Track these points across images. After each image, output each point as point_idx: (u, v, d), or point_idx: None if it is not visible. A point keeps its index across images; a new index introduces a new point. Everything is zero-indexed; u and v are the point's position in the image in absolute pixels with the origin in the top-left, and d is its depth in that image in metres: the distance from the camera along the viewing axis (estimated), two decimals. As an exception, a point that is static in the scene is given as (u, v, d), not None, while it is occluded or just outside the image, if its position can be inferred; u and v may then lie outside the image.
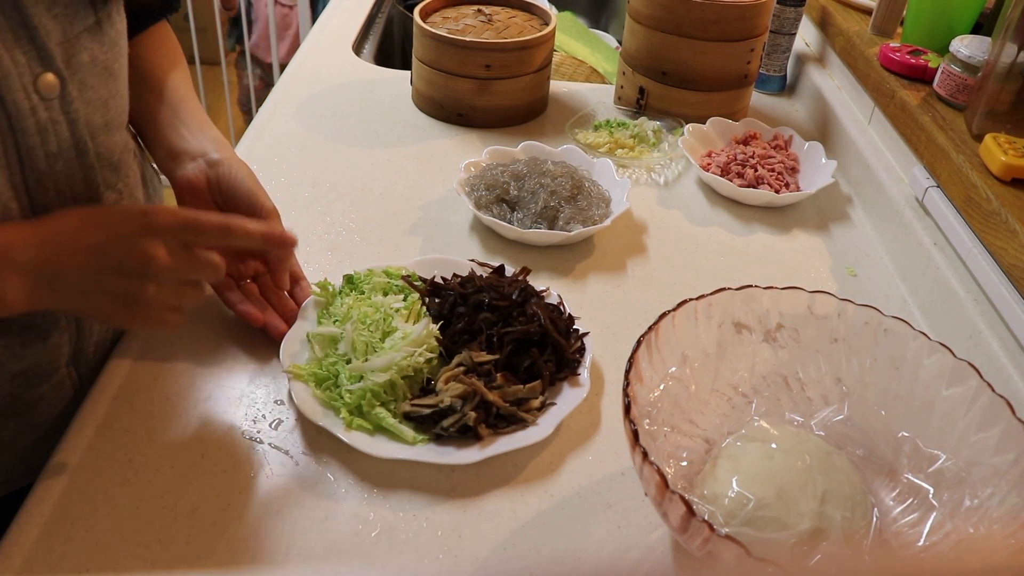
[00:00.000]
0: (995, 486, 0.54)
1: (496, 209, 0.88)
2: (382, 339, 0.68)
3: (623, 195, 0.91)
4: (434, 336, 0.67)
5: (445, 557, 0.57)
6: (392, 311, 0.70)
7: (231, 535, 0.57)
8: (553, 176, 0.90)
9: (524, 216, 0.87)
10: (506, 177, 0.91)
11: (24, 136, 0.57)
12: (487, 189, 0.90)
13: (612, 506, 0.61)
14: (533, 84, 1.11)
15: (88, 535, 0.56)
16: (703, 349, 0.62)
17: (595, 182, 0.93)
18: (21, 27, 0.55)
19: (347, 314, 0.70)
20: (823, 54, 1.25)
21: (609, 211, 0.90)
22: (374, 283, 0.74)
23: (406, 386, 0.66)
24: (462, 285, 0.72)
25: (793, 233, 0.95)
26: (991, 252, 0.75)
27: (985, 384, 0.56)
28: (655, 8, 1.07)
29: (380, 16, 1.53)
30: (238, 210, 0.70)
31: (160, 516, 0.58)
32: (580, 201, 0.89)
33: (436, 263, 0.78)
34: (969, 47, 0.89)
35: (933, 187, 0.86)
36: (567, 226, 0.86)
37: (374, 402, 0.64)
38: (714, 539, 0.46)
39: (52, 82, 0.57)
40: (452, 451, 0.62)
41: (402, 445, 0.63)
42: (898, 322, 0.61)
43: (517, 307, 0.70)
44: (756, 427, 0.62)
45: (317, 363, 0.67)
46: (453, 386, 0.64)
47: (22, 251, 0.53)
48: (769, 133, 1.08)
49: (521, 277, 0.76)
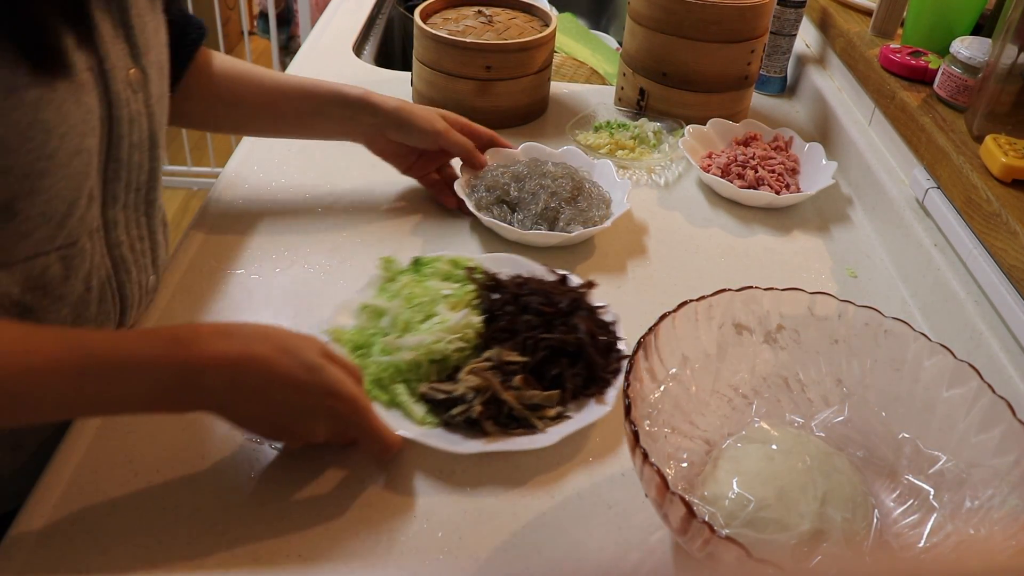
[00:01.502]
0: (996, 487, 0.54)
1: (496, 210, 0.88)
2: (422, 321, 0.69)
3: (623, 196, 0.91)
4: (472, 328, 0.68)
5: (445, 558, 0.57)
6: (440, 297, 0.71)
7: (231, 536, 0.57)
8: (554, 177, 0.90)
9: (524, 217, 0.87)
10: (506, 178, 0.90)
11: (118, 125, 0.62)
12: (487, 190, 0.90)
13: (612, 507, 0.61)
14: (533, 85, 1.11)
15: (88, 536, 0.56)
16: (703, 350, 0.62)
17: (595, 183, 0.93)
18: (121, 23, 0.62)
19: (399, 292, 0.73)
20: (823, 55, 1.25)
21: (609, 212, 0.90)
22: (437, 268, 0.76)
23: (432, 370, 0.67)
24: (518, 286, 0.74)
25: (793, 234, 0.95)
26: (991, 253, 0.75)
27: (986, 385, 0.56)
28: (655, 9, 1.07)
29: (380, 17, 1.53)
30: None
31: (160, 517, 0.58)
32: (580, 202, 0.89)
33: (508, 261, 0.80)
34: (969, 48, 0.89)
35: (933, 188, 0.86)
36: (567, 227, 0.86)
37: (396, 377, 0.66)
38: (714, 540, 0.46)
39: (138, 76, 0.63)
40: (454, 440, 0.63)
41: (408, 423, 0.64)
42: (898, 323, 0.61)
43: (561, 316, 0.70)
44: (756, 428, 0.62)
45: (359, 331, 0.70)
46: (471, 378, 0.65)
47: (217, 379, 0.55)
48: (769, 134, 1.08)
49: (582, 289, 0.74)
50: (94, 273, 0.64)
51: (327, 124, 0.89)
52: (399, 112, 0.88)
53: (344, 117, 0.88)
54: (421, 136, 0.88)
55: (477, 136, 0.94)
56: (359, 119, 0.88)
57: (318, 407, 0.58)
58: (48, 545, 0.55)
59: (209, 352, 0.54)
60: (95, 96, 0.59)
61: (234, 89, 0.86)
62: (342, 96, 0.87)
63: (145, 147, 0.66)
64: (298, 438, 0.60)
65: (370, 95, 0.88)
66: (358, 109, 0.87)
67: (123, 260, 0.68)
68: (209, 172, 2.54)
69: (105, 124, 0.61)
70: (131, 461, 0.61)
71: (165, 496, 0.59)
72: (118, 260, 0.67)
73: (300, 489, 0.60)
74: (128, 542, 0.56)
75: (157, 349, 0.54)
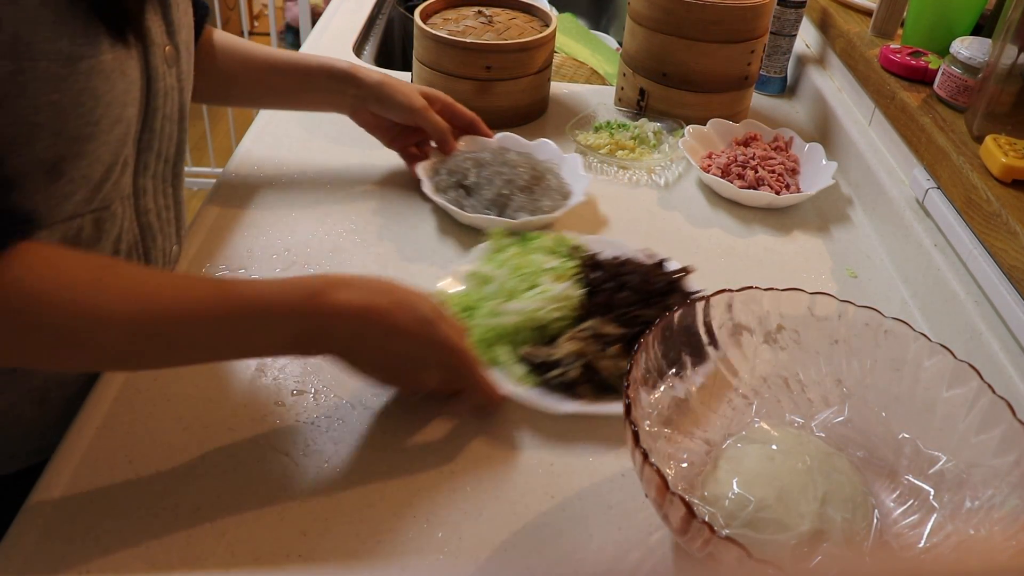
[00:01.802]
0: (996, 488, 0.54)
1: (452, 193, 0.89)
2: (526, 290, 0.74)
3: (582, 189, 0.92)
4: (572, 299, 0.73)
5: (445, 558, 0.57)
6: (544, 269, 0.76)
7: (231, 536, 0.57)
8: (513, 165, 0.91)
9: (477, 202, 0.88)
10: (468, 164, 0.92)
11: (155, 97, 0.66)
12: (449, 173, 0.91)
13: (613, 507, 0.61)
14: (533, 86, 1.11)
15: (88, 536, 0.56)
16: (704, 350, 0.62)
17: (558, 176, 0.94)
18: (159, 2, 0.65)
19: (506, 262, 0.78)
20: (823, 55, 1.25)
21: (563, 204, 0.90)
22: (542, 244, 0.81)
23: (532, 335, 0.71)
24: (618, 265, 0.78)
25: (793, 235, 0.95)
26: (991, 253, 0.75)
27: (986, 385, 0.56)
28: (655, 10, 1.07)
29: (380, 17, 1.53)
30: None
31: (160, 517, 0.58)
32: (536, 192, 0.90)
33: (608, 244, 0.84)
34: (969, 48, 0.89)
35: (933, 188, 0.86)
36: (515, 214, 0.87)
37: (499, 339, 0.71)
38: (715, 541, 0.46)
39: (172, 53, 0.67)
40: (551, 400, 0.67)
41: (507, 382, 0.68)
42: (898, 323, 0.61)
43: (658, 296, 0.74)
44: (756, 428, 0.62)
45: (467, 295, 0.76)
46: (570, 344, 0.69)
47: (343, 327, 0.60)
48: (769, 134, 1.08)
49: (679, 274, 0.78)
50: (123, 237, 0.68)
51: (314, 96, 0.93)
52: (381, 86, 0.91)
53: (330, 89, 0.91)
54: (399, 111, 0.92)
55: (459, 117, 0.97)
56: (344, 91, 0.91)
57: (431, 358, 0.63)
58: (48, 545, 0.55)
59: (339, 302, 0.59)
60: (137, 69, 0.63)
61: (230, 64, 0.89)
62: (329, 69, 0.91)
63: (175, 119, 0.70)
64: (410, 386, 0.66)
65: (356, 69, 0.91)
66: (343, 81, 0.91)
67: (150, 227, 0.71)
68: (209, 172, 2.54)
69: (144, 96, 0.65)
70: (131, 461, 0.61)
71: (165, 496, 0.59)
72: (145, 227, 0.71)
73: (300, 489, 0.60)
74: (128, 542, 0.56)
75: (296, 299, 0.58)
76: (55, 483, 0.59)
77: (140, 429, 0.64)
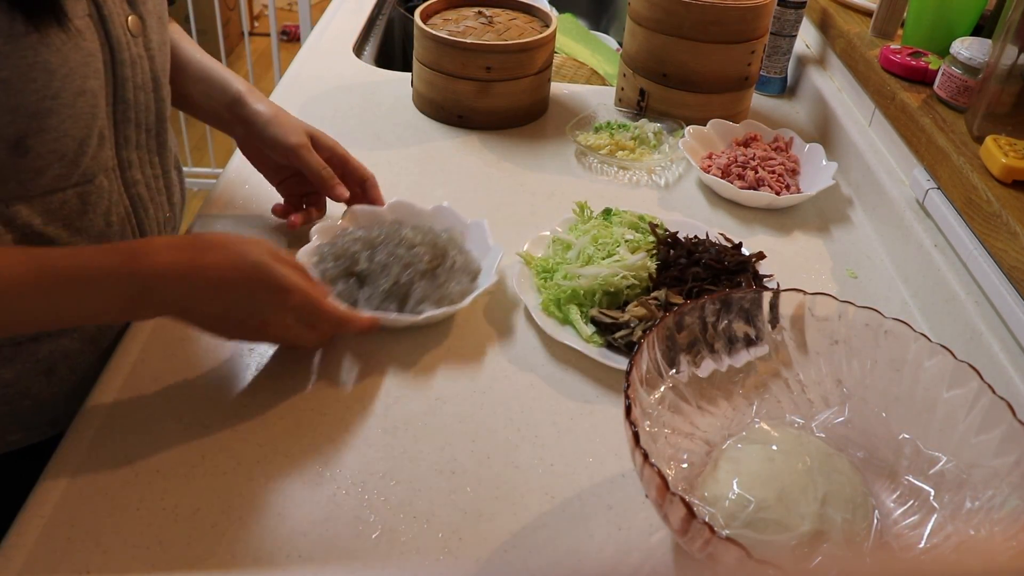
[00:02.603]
0: (996, 488, 0.54)
1: (342, 285, 0.75)
2: (604, 258, 0.80)
3: (493, 265, 0.78)
4: (646, 269, 0.78)
5: (445, 559, 0.57)
6: (623, 240, 0.82)
7: (231, 537, 0.57)
8: (410, 245, 0.77)
9: (372, 294, 0.74)
10: (358, 246, 0.77)
11: (121, 67, 0.66)
12: (335, 260, 0.76)
13: (613, 508, 0.61)
14: (534, 86, 1.11)
15: (88, 536, 0.56)
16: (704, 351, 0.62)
17: (464, 250, 0.80)
18: None
19: (587, 231, 0.83)
20: (824, 56, 1.26)
21: (472, 287, 0.77)
22: (624, 219, 0.86)
23: (604, 300, 0.77)
24: (693, 244, 0.82)
25: (794, 235, 0.95)
26: (992, 254, 0.75)
27: (986, 386, 0.56)
28: (655, 10, 1.07)
29: (381, 18, 1.53)
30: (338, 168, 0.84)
31: (160, 518, 0.58)
32: (439, 276, 0.76)
33: (682, 224, 0.88)
34: (970, 49, 0.89)
35: (934, 189, 0.86)
36: (418, 307, 0.74)
37: (571, 300, 0.77)
38: (715, 541, 0.46)
39: (137, 22, 0.67)
40: (614, 358, 0.72)
41: (576, 338, 0.74)
42: (899, 324, 0.61)
43: (728, 273, 0.78)
44: (757, 429, 0.62)
45: (547, 259, 0.82)
46: (638, 308, 0.75)
47: (170, 289, 0.59)
48: (770, 135, 1.08)
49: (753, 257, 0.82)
50: (113, 210, 0.70)
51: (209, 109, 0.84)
52: (262, 116, 0.82)
53: (222, 105, 0.83)
54: (273, 146, 0.81)
55: (351, 172, 0.85)
56: (232, 124, 0.84)
57: (271, 301, 0.63)
58: (48, 545, 0.55)
59: (161, 263, 0.59)
60: (96, 41, 0.63)
61: None
62: (225, 85, 0.83)
63: (149, 88, 0.70)
64: (269, 338, 0.66)
65: (249, 92, 0.83)
66: (233, 101, 0.82)
67: (140, 198, 0.73)
68: (209, 173, 2.54)
69: (109, 67, 0.65)
70: (131, 461, 0.61)
71: (165, 496, 0.59)
72: (135, 198, 0.72)
73: (300, 490, 0.60)
74: (128, 542, 0.56)
75: (113, 262, 0.58)
76: (55, 483, 0.59)
77: (140, 429, 0.64)
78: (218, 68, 0.85)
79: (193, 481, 0.60)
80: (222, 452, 0.63)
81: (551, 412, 0.69)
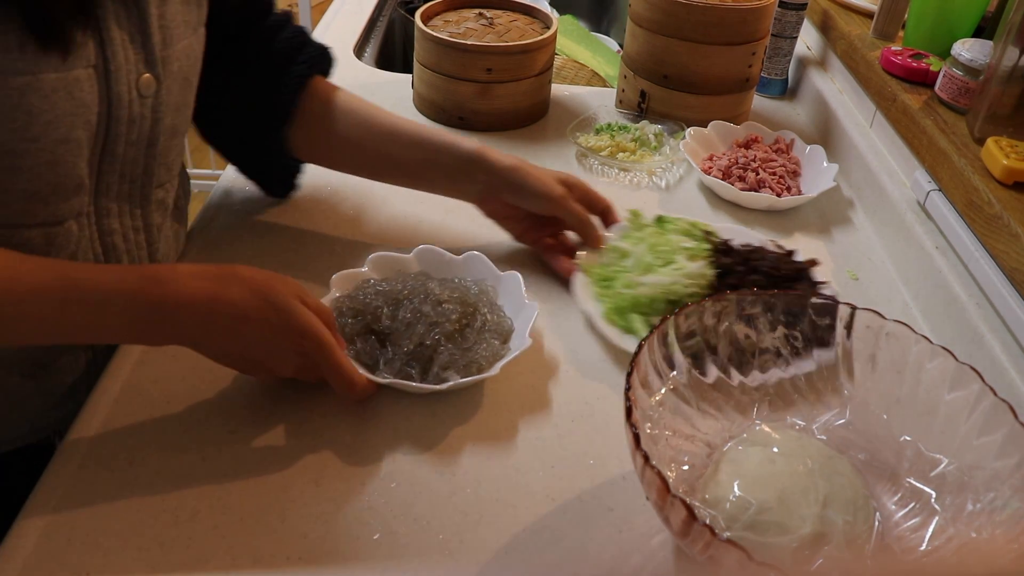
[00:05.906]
0: (997, 491, 0.54)
1: (362, 343, 0.69)
2: (662, 266, 0.79)
3: (527, 327, 0.71)
4: (705, 278, 0.77)
5: (446, 561, 0.57)
6: (680, 248, 0.81)
7: (232, 538, 0.57)
8: (436, 301, 0.70)
9: (394, 356, 0.68)
10: (379, 300, 0.71)
11: (116, 124, 0.63)
12: (354, 316, 0.70)
13: (613, 510, 0.61)
14: (534, 88, 1.11)
15: (88, 538, 0.56)
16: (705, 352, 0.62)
17: (496, 306, 0.74)
18: (139, 31, 0.63)
19: (644, 239, 0.83)
20: (825, 57, 1.25)
21: (503, 351, 0.70)
22: (678, 226, 0.85)
23: (665, 308, 0.75)
24: (749, 252, 0.81)
25: (795, 237, 0.95)
26: (993, 256, 0.75)
27: (987, 388, 0.56)
28: (656, 12, 1.07)
29: (381, 19, 1.53)
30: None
31: (160, 519, 0.58)
32: (468, 337, 0.69)
33: (734, 232, 0.87)
34: (971, 51, 0.89)
35: (935, 191, 0.86)
36: (443, 373, 0.67)
37: (633, 308, 0.76)
38: (715, 544, 0.46)
39: (150, 82, 0.65)
40: None
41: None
42: (900, 326, 0.61)
43: (786, 281, 0.78)
44: (758, 431, 0.62)
45: (605, 267, 0.81)
46: None
47: (188, 319, 0.59)
48: (771, 137, 1.08)
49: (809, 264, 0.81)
50: (80, 255, 0.66)
51: (438, 175, 0.83)
52: (515, 172, 0.80)
53: (457, 171, 0.82)
54: (536, 200, 0.81)
55: (594, 204, 0.86)
56: (473, 177, 0.81)
57: (287, 345, 0.62)
58: (48, 546, 0.55)
59: (184, 292, 0.58)
60: (94, 93, 0.61)
61: (351, 128, 0.83)
62: (455, 148, 0.81)
63: (142, 145, 0.67)
64: (268, 373, 0.64)
65: (485, 151, 0.81)
66: (471, 164, 0.81)
67: (115, 248, 0.69)
68: (210, 174, 2.54)
69: (104, 121, 0.62)
70: (131, 461, 0.61)
71: (165, 498, 0.59)
72: (109, 247, 0.69)
73: (300, 491, 0.60)
74: (128, 544, 0.56)
75: (134, 285, 0.57)
76: (55, 485, 0.59)
77: (140, 430, 0.64)
78: (425, 128, 0.84)
79: (193, 483, 0.60)
80: (223, 454, 0.63)
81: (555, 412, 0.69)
